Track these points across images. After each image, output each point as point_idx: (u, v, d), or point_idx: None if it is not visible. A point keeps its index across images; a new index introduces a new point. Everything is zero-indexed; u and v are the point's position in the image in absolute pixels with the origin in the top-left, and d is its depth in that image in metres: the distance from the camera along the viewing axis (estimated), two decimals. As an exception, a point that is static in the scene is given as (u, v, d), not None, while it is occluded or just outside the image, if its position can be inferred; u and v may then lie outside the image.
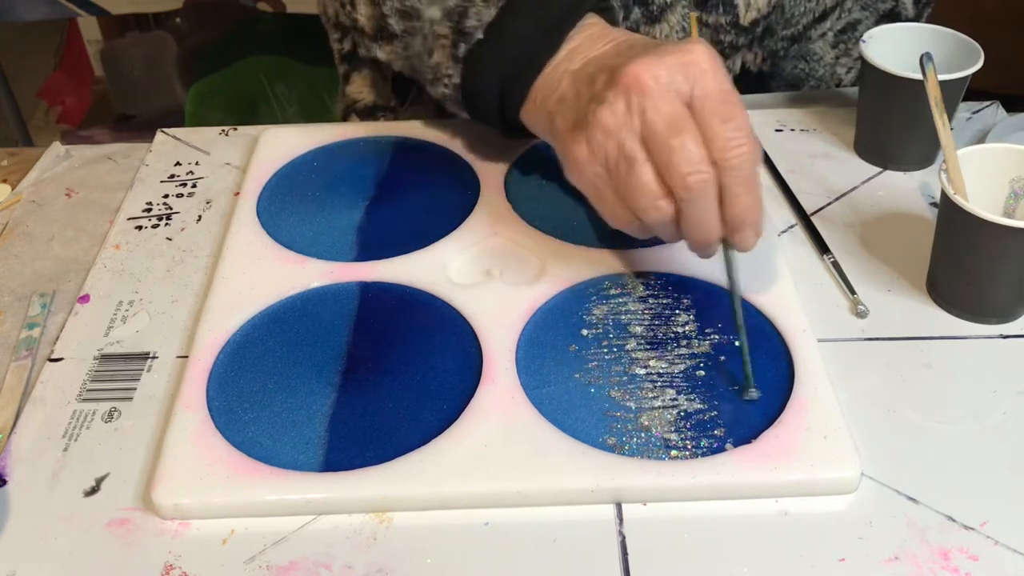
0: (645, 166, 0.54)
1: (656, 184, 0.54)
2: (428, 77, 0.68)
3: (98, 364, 0.61)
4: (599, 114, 0.54)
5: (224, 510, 0.52)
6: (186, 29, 2.00)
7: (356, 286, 0.64)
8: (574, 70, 0.59)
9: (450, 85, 0.66)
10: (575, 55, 0.60)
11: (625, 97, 0.54)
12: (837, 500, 0.52)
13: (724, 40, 0.79)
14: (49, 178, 0.78)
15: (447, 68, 0.65)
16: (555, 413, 0.55)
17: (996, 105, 0.82)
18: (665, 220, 0.55)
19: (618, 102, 0.54)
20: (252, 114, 1.66)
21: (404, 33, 0.68)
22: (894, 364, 0.59)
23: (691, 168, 0.53)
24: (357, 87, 0.91)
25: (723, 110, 0.53)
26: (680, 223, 0.55)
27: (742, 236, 0.56)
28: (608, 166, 0.55)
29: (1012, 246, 0.58)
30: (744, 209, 0.54)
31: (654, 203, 0.54)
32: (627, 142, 0.54)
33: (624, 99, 0.54)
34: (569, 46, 0.61)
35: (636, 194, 0.54)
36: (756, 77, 0.84)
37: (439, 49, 0.65)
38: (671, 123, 0.53)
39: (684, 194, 0.53)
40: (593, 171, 0.56)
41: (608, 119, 0.54)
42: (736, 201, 0.54)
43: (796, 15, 0.81)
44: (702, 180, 0.53)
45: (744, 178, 0.54)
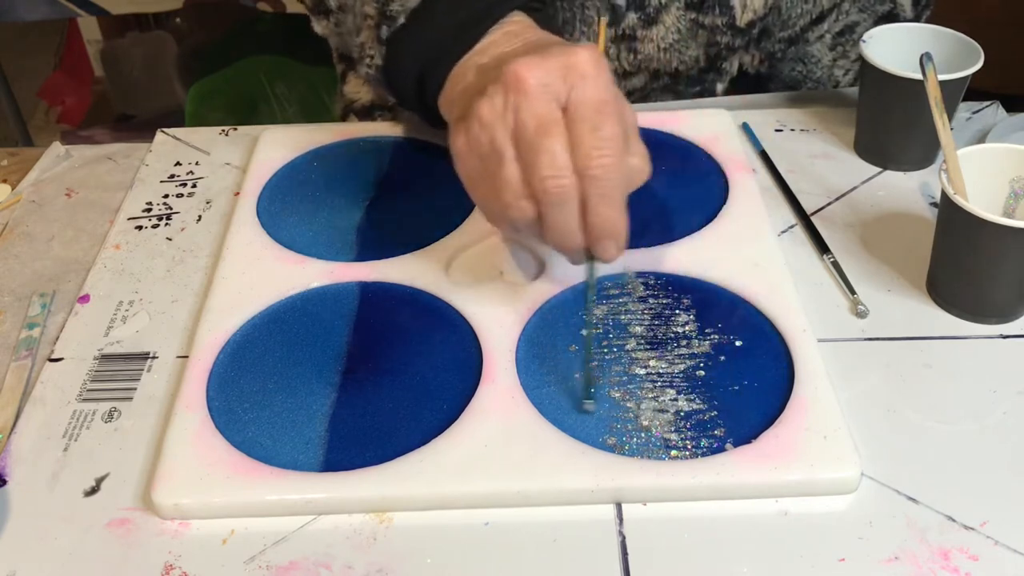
0: (512, 164, 0.53)
1: (520, 184, 0.54)
2: (356, 55, 0.70)
3: (98, 364, 0.61)
4: (478, 106, 0.54)
5: (224, 510, 0.52)
6: (186, 29, 2.00)
7: (356, 286, 0.64)
8: (481, 64, 0.60)
9: (372, 66, 0.67)
10: (488, 50, 0.61)
11: (504, 93, 0.53)
12: (837, 500, 0.52)
13: (721, 41, 0.79)
14: (49, 178, 0.78)
15: (370, 48, 0.67)
16: (555, 413, 0.55)
17: (996, 105, 0.82)
18: (528, 220, 0.55)
19: (496, 97, 0.54)
20: (252, 114, 1.66)
21: (338, 9, 0.71)
22: (894, 364, 0.59)
23: (552, 172, 0.52)
24: (354, 86, 0.91)
25: (594, 118, 0.52)
26: (542, 226, 0.55)
27: (602, 247, 0.55)
28: (481, 159, 0.55)
29: (1012, 246, 0.58)
30: (603, 220, 0.54)
31: (516, 202, 0.54)
32: (498, 137, 0.53)
33: (503, 95, 0.54)
34: (486, 40, 0.61)
35: (501, 190, 0.54)
36: (754, 79, 0.84)
37: (365, 29, 0.67)
38: (541, 125, 0.52)
39: (543, 197, 0.53)
40: (468, 162, 0.56)
41: (485, 112, 0.54)
42: (595, 211, 0.53)
43: (793, 17, 0.81)
44: (561, 186, 0.52)
45: (605, 189, 0.53)
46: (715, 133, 0.76)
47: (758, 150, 0.77)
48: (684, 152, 0.75)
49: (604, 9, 0.77)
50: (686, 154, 0.75)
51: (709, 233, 0.67)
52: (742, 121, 0.80)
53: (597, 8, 0.77)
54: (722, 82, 0.83)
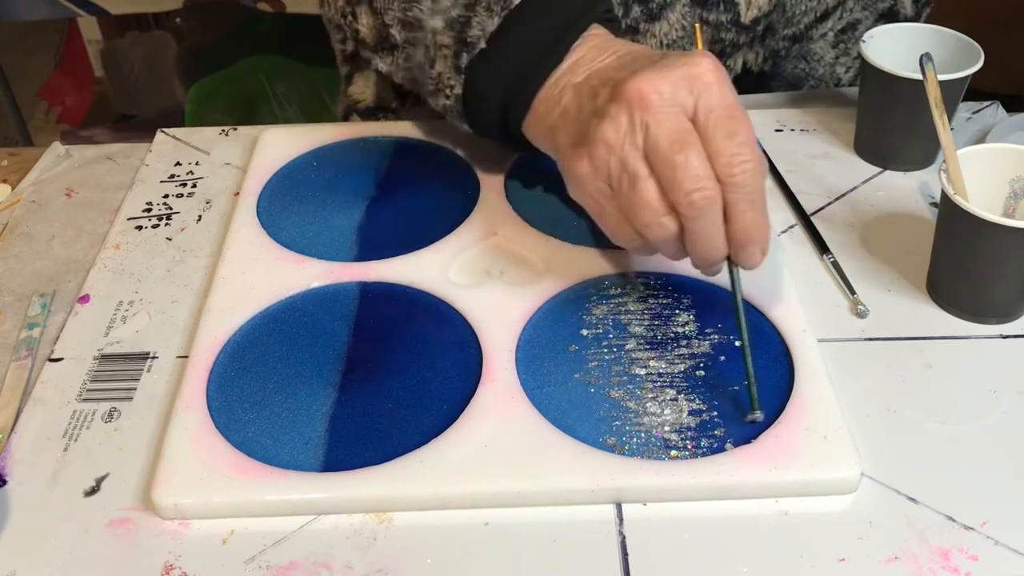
0: (648, 182, 0.53)
1: (660, 201, 0.53)
2: (429, 88, 0.67)
3: (98, 364, 0.61)
4: (602, 129, 0.53)
5: (224, 510, 0.52)
6: (186, 29, 2.00)
7: (356, 286, 0.64)
8: (577, 83, 0.58)
9: (452, 96, 0.65)
10: (578, 67, 0.59)
11: (628, 112, 0.53)
12: (837, 500, 0.52)
13: (725, 38, 0.79)
14: (49, 178, 0.78)
15: (449, 79, 0.64)
16: (555, 413, 0.55)
17: (996, 105, 0.82)
18: (669, 237, 0.54)
19: (621, 117, 0.53)
20: (252, 114, 1.66)
21: (406, 43, 0.67)
22: (894, 364, 0.59)
23: (695, 185, 0.52)
24: (360, 88, 0.91)
25: (728, 125, 0.52)
26: (684, 240, 0.55)
27: (748, 253, 0.55)
28: (611, 182, 0.54)
29: (1012, 246, 0.58)
30: (750, 226, 0.54)
31: (658, 220, 0.53)
32: (630, 158, 0.53)
33: (627, 114, 0.53)
34: (572, 58, 0.60)
35: (639, 211, 0.53)
36: (757, 77, 0.84)
37: (441, 59, 0.64)
38: (675, 139, 0.52)
39: (688, 211, 0.52)
40: (596, 187, 0.55)
41: (611, 134, 0.53)
42: (741, 218, 0.53)
43: (797, 14, 0.81)
44: (706, 197, 0.52)
45: (749, 194, 0.53)
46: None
47: (758, 150, 0.77)
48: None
49: (691, 2, 0.76)
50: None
51: (709, 233, 0.67)
52: (742, 121, 0.80)
53: (696, 15, 0.76)
54: None
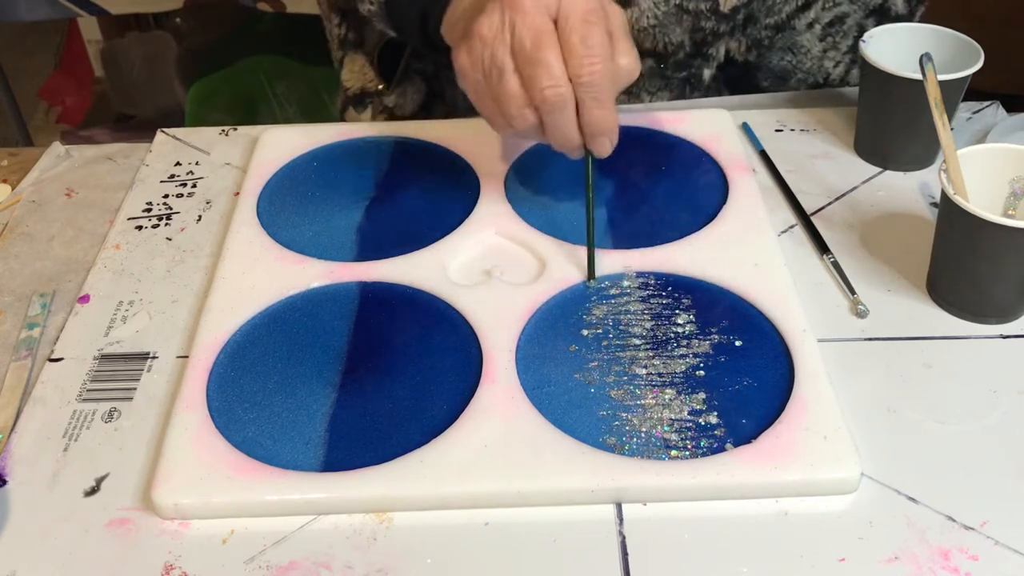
0: (513, 76, 0.58)
1: (521, 94, 0.58)
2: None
3: (98, 364, 0.61)
4: (478, 24, 0.59)
5: (224, 510, 0.52)
6: (186, 29, 2.00)
7: (356, 286, 0.64)
8: None
9: (375, 2, 0.70)
10: None
11: (500, 10, 0.58)
12: (837, 500, 0.52)
13: (705, 27, 0.80)
14: (49, 178, 0.78)
15: None
16: (555, 413, 0.55)
17: (996, 105, 0.82)
18: (531, 127, 0.60)
19: (494, 14, 0.58)
20: (252, 114, 1.65)
21: None
22: (894, 364, 0.59)
23: (550, 82, 0.57)
24: (348, 73, 0.92)
25: (582, 28, 0.57)
26: (544, 130, 0.60)
27: (597, 143, 0.61)
28: (484, 74, 0.59)
29: (1012, 246, 0.58)
30: (597, 120, 0.59)
31: (520, 111, 0.59)
32: (498, 53, 0.58)
33: (499, 11, 0.58)
34: None
35: (505, 102, 0.59)
36: (742, 68, 0.84)
37: None
38: (536, 38, 0.57)
39: (543, 106, 0.58)
40: (473, 78, 0.60)
41: (485, 30, 0.58)
42: (589, 113, 0.59)
43: (778, 3, 0.81)
44: (558, 94, 0.57)
45: (597, 92, 0.58)
46: (715, 133, 0.76)
47: (758, 150, 0.77)
48: (684, 152, 0.75)
49: None
50: (686, 154, 0.75)
51: (709, 233, 0.67)
52: (742, 121, 0.80)
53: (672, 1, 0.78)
54: (709, 68, 0.83)
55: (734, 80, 0.85)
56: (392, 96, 0.89)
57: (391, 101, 0.89)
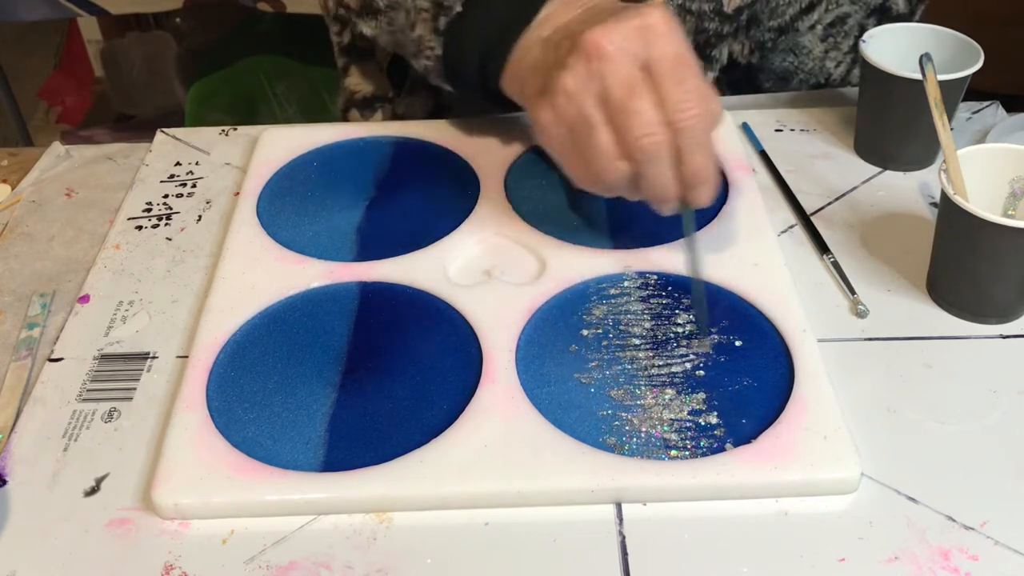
0: (603, 129, 0.56)
1: (614, 146, 0.57)
2: (411, 51, 0.71)
3: (98, 364, 0.61)
4: (561, 79, 0.57)
5: (224, 510, 0.52)
6: (186, 29, 2.00)
7: (356, 286, 0.64)
8: (545, 37, 0.62)
9: (432, 57, 0.68)
10: (547, 23, 0.62)
11: (585, 62, 0.56)
12: (837, 500, 0.52)
13: (709, 28, 0.80)
14: (49, 178, 0.78)
15: (429, 41, 0.68)
16: (555, 413, 0.55)
17: (996, 105, 0.82)
18: (623, 180, 0.58)
19: (578, 67, 0.56)
20: (252, 114, 1.65)
21: (388, 8, 0.72)
22: (894, 364, 0.59)
23: (646, 131, 0.55)
24: (355, 79, 0.91)
25: (677, 73, 0.55)
26: (639, 182, 0.58)
27: (697, 193, 0.59)
28: (570, 129, 0.58)
29: (1012, 246, 0.58)
30: (697, 168, 0.57)
31: (612, 164, 0.57)
32: (586, 106, 0.56)
33: (584, 64, 0.56)
34: (542, 14, 0.63)
35: (595, 156, 0.57)
36: (745, 70, 0.84)
37: (421, 23, 0.68)
38: (627, 87, 0.55)
39: (640, 155, 0.56)
40: (558, 133, 0.58)
41: (569, 83, 0.56)
42: (690, 160, 0.57)
43: (781, 4, 0.81)
44: (655, 142, 0.55)
45: (696, 138, 0.56)
46: (715, 133, 0.76)
47: (758, 150, 0.77)
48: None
49: None
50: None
51: (709, 233, 0.67)
52: (742, 121, 0.80)
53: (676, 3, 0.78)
54: (712, 70, 0.83)
55: (737, 82, 0.85)
56: (402, 104, 0.89)
57: (401, 108, 0.89)
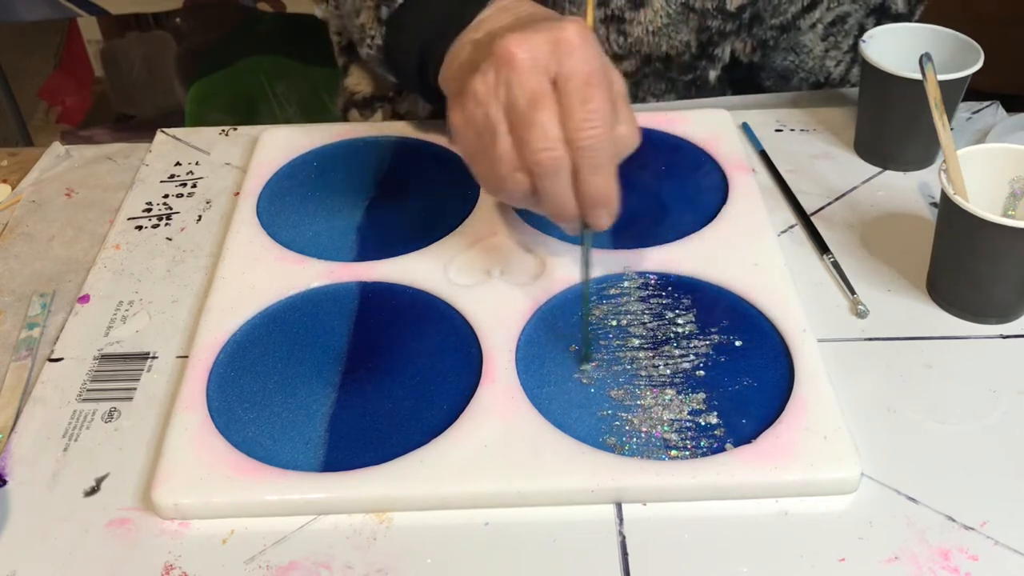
0: (506, 137, 0.55)
1: (514, 156, 0.55)
2: (356, 36, 0.72)
3: (98, 364, 0.61)
4: (472, 82, 0.56)
5: (224, 510, 0.52)
6: (186, 29, 2.00)
7: (356, 286, 0.64)
8: (476, 39, 0.61)
9: (373, 46, 0.69)
10: (482, 26, 0.62)
11: (496, 68, 0.55)
12: (837, 500, 0.52)
13: (712, 26, 0.80)
14: (49, 178, 0.78)
15: (371, 29, 0.69)
16: (555, 413, 0.55)
17: (996, 105, 0.82)
18: (523, 192, 0.56)
19: (489, 72, 0.55)
20: (252, 114, 1.65)
21: None
22: (894, 364, 0.59)
23: (544, 145, 0.53)
24: (355, 78, 0.91)
25: (583, 91, 0.53)
26: (538, 196, 0.57)
27: (595, 215, 0.56)
28: (477, 133, 0.56)
29: (1012, 246, 0.58)
30: (595, 188, 0.55)
31: (512, 174, 0.55)
32: (492, 112, 0.55)
33: (495, 70, 0.55)
34: (481, 16, 0.63)
35: (496, 164, 0.56)
36: (747, 68, 0.84)
37: (365, 10, 0.69)
38: (532, 99, 0.53)
39: (536, 169, 0.54)
40: (465, 136, 0.57)
41: (479, 88, 0.55)
42: (587, 180, 0.55)
43: (783, 3, 0.81)
44: (553, 158, 0.54)
45: (595, 159, 0.54)
46: (715, 133, 0.76)
47: (758, 150, 0.77)
48: (684, 152, 0.75)
49: None
50: (686, 154, 0.75)
51: (709, 233, 0.67)
52: (742, 121, 0.80)
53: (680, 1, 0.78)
54: (715, 69, 0.83)
55: (738, 81, 0.85)
56: (404, 103, 0.89)
57: (402, 108, 0.89)
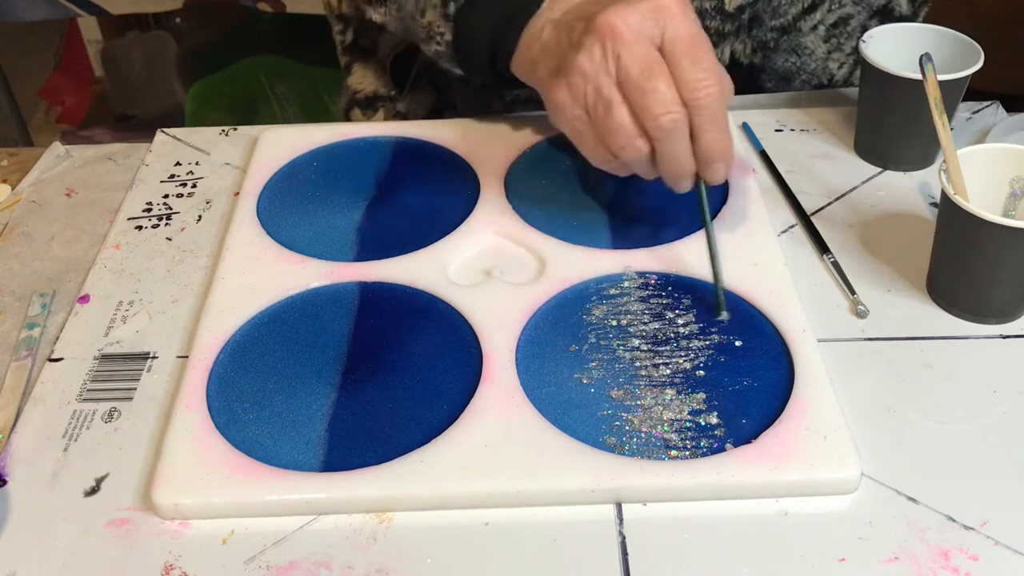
0: (621, 108, 0.58)
1: (632, 124, 0.58)
2: (421, 36, 0.72)
3: (98, 364, 0.61)
4: (578, 60, 0.58)
5: (224, 510, 0.52)
6: (186, 29, 2.00)
7: (356, 286, 0.64)
8: (555, 19, 0.63)
9: (443, 43, 0.70)
10: (555, 5, 0.64)
11: (601, 43, 0.57)
12: (837, 500, 0.52)
13: (710, 26, 0.80)
14: (49, 178, 0.78)
15: (439, 27, 0.69)
16: (555, 413, 0.55)
17: (996, 105, 0.82)
18: (641, 158, 0.59)
19: (595, 48, 0.57)
20: (252, 114, 1.65)
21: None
22: (894, 364, 0.59)
23: (663, 109, 0.56)
24: (358, 78, 0.92)
25: (692, 52, 0.57)
26: (655, 160, 0.59)
27: (712, 169, 0.60)
28: (587, 109, 0.59)
29: (1012, 246, 0.58)
30: (713, 144, 0.58)
31: (631, 142, 0.58)
32: (604, 86, 0.57)
33: (600, 45, 0.57)
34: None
35: (614, 134, 0.58)
36: (747, 70, 0.84)
37: (430, 8, 0.69)
38: (644, 67, 0.56)
39: (658, 133, 0.57)
40: (574, 114, 0.60)
41: (586, 64, 0.58)
42: (705, 137, 0.58)
43: (783, 4, 0.81)
44: (673, 119, 0.57)
45: (713, 116, 0.57)
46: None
47: (758, 150, 0.77)
48: (684, 152, 0.75)
49: None
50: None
51: (709, 233, 0.67)
52: (742, 121, 0.80)
53: None
54: None
55: (739, 82, 0.85)
56: (404, 102, 0.89)
57: (403, 107, 0.89)
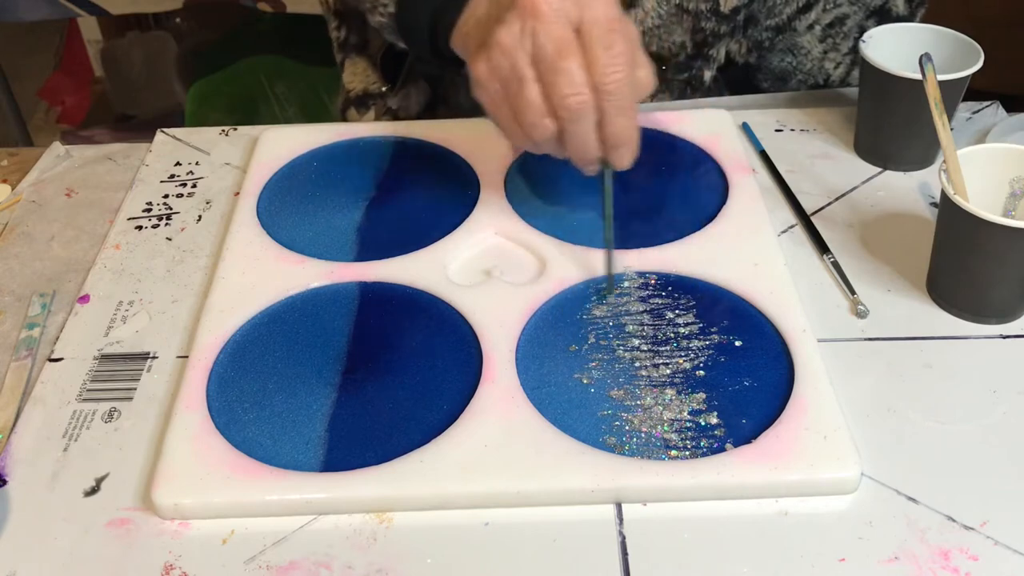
0: (533, 85, 0.58)
1: (541, 103, 0.58)
2: (367, 6, 0.73)
3: (98, 364, 0.61)
4: (497, 34, 0.58)
5: (224, 510, 0.52)
6: (186, 29, 2.00)
7: (356, 286, 0.64)
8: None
9: (385, 14, 0.71)
10: None
11: (521, 19, 0.57)
12: (837, 500, 0.52)
13: (706, 27, 0.80)
14: (49, 178, 0.78)
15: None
16: (555, 413, 0.55)
17: (996, 105, 0.82)
18: (550, 137, 0.59)
19: (514, 24, 0.58)
20: (252, 114, 1.65)
21: None
22: (894, 364, 0.59)
23: (572, 90, 0.56)
24: (350, 75, 0.92)
25: (606, 37, 0.57)
26: (563, 140, 0.59)
27: (618, 154, 0.60)
28: (503, 83, 0.59)
29: (1012, 246, 0.58)
30: (619, 130, 0.58)
31: (540, 120, 0.58)
32: (519, 62, 0.57)
33: (520, 21, 0.57)
34: None
35: (524, 111, 0.58)
36: (743, 70, 0.84)
37: None
38: (558, 47, 0.56)
39: (564, 114, 0.57)
40: (491, 88, 0.60)
41: (505, 39, 0.58)
42: (612, 122, 0.58)
43: (779, 4, 0.81)
44: (580, 101, 0.57)
45: (620, 102, 0.57)
46: (715, 133, 0.76)
47: (758, 150, 0.77)
48: (684, 152, 0.75)
49: None
50: (686, 154, 0.75)
51: (709, 233, 0.67)
52: (742, 121, 0.80)
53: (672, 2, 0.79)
54: (709, 69, 0.83)
55: (734, 82, 0.85)
56: (396, 98, 0.89)
57: (395, 103, 0.89)
